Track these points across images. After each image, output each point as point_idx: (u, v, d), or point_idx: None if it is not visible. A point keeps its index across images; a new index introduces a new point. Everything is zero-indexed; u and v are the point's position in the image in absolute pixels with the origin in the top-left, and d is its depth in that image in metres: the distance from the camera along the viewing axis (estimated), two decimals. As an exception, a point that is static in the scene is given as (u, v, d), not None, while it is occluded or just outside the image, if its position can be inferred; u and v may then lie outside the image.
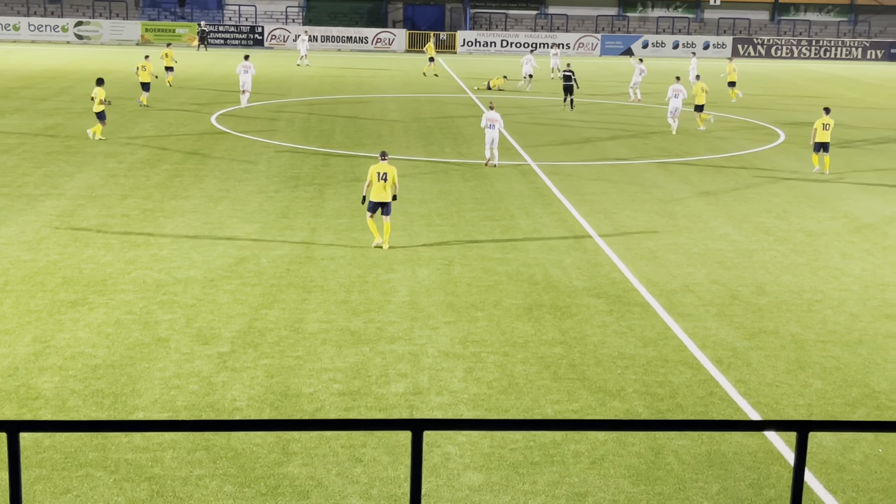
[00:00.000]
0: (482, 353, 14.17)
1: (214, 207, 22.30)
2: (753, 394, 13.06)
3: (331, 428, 4.60)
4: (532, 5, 79.92)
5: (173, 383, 12.89)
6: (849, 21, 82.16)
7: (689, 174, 27.69)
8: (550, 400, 12.72)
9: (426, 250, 19.27)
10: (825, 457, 11.34)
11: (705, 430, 9.89)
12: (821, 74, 63.15)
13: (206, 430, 4.54)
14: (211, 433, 11.36)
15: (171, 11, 75.83)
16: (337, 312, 15.68)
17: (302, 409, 12.30)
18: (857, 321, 15.93)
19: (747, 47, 77.16)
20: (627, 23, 79.63)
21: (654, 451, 11.33)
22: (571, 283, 17.47)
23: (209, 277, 17.24)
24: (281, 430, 4.60)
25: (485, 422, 4.80)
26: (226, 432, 11.46)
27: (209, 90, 44.18)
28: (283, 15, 76.84)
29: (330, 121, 36.43)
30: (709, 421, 5.29)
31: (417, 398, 12.66)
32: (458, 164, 28.36)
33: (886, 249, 20.22)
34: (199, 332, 14.68)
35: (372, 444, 11.32)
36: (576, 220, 22.00)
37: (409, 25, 78.26)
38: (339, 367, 13.53)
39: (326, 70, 56.58)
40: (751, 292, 17.23)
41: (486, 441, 11.44)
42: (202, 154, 28.78)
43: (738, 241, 20.55)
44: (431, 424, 4.47)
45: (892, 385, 13.47)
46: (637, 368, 13.75)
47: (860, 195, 25.39)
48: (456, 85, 50.33)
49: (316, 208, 22.43)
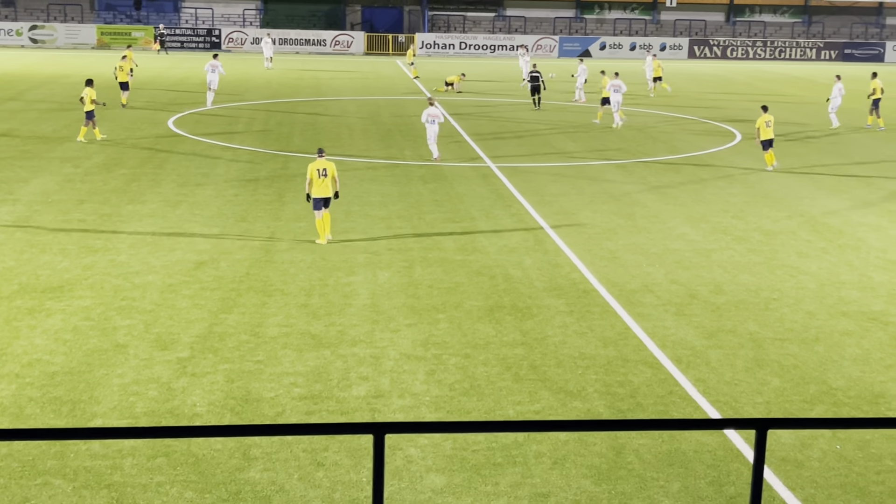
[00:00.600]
0: (443, 355, 14.17)
1: (172, 212, 22.14)
2: (713, 392, 13.17)
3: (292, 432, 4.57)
4: (490, 7, 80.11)
5: (132, 389, 12.77)
6: (803, 22, 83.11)
7: (647, 174, 27.87)
8: (512, 401, 12.74)
9: (387, 253, 19.25)
10: (784, 454, 11.45)
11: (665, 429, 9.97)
12: (776, 75, 63.80)
13: (166, 436, 4.50)
14: (171, 439, 11.27)
15: (127, 14, 75.21)
16: (297, 316, 15.62)
17: (263, 414, 12.24)
18: (814, 319, 16.11)
19: (703, 48, 77.80)
20: (585, 25, 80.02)
21: (615, 451, 11.39)
22: (532, 284, 17.52)
23: (168, 282, 17.11)
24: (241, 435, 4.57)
25: (446, 424, 4.80)
26: (186, 438, 11.37)
27: (166, 93, 43.84)
28: (240, 18, 76.47)
29: (289, 123, 36.29)
30: (669, 420, 5.32)
31: (379, 401, 12.64)
32: (417, 165, 28.36)
33: (842, 248, 20.46)
34: (158, 337, 14.56)
35: (334, 447, 11.29)
36: (535, 221, 22.07)
37: (367, 28, 78.17)
38: (300, 371, 13.48)
39: (285, 72, 56.36)
40: (709, 291, 17.37)
41: (448, 443, 11.44)
42: (160, 158, 28.56)
43: (696, 241, 20.71)
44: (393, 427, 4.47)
45: (849, 382, 13.63)
46: (598, 368, 13.81)
47: (816, 194, 25.67)
48: (415, 87, 50.33)
49: (275, 212, 22.33)
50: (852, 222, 22.65)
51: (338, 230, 20.74)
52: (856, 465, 11.26)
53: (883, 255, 19.93)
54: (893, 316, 16.34)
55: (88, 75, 37.37)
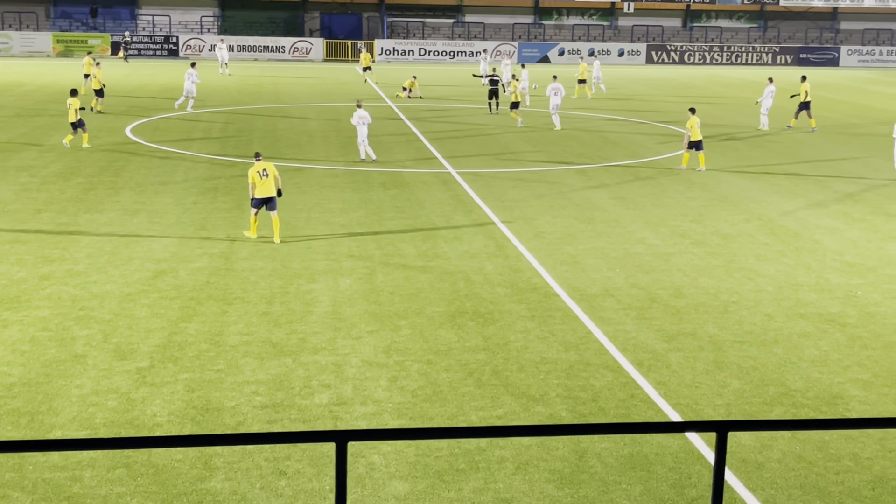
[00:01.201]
0: (406, 361, 14.16)
1: (130, 220, 21.96)
2: (673, 395, 13.25)
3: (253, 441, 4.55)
4: (449, 14, 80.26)
5: (91, 400, 12.65)
6: (759, 27, 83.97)
7: (606, 179, 28.02)
8: (474, 407, 12.75)
9: (348, 260, 19.21)
10: (744, 455, 11.54)
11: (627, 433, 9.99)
12: (733, 80, 64.39)
13: (126, 447, 4.46)
14: (131, 450, 11.17)
15: (83, 22, 74.56)
16: (258, 324, 15.54)
17: (224, 423, 12.17)
18: (773, 321, 16.26)
19: (661, 54, 78.39)
20: (544, 30, 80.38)
21: (577, 455, 11.43)
22: (493, 289, 17.55)
23: (126, 292, 16.97)
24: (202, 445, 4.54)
25: (409, 431, 4.79)
26: (146, 449, 11.28)
27: (123, 101, 43.49)
28: (198, 24, 76.05)
29: (248, 131, 36.12)
30: (630, 424, 5.35)
31: (341, 409, 12.60)
32: (378, 172, 28.33)
33: (799, 250, 20.68)
34: (117, 347, 14.43)
35: (296, 456, 11.24)
36: (496, 226, 22.12)
37: (326, 34, 78.02)
38: (262, 380, 13.41)
39: (244, 79, 56.10)
40: (669, 295, 17.49)
41: (411, 450, 11.43)
42: (117, 166, 28.32)
43: (655, 245, 20.84)
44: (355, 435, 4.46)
45: (808, 383, 13.77)
46: (559, 373, 13.86)
47: (773, 197, 25.93)
48: (374, 93, 50.30)
49: (235, 219, 22.21)
50: (809, 225, 22.91)
51: (298, 237, 20.67)
52: (815, 466, 11.37)
53: (839, 258, 20.16)
54: (850, 317, 16.53)
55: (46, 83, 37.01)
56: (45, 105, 41.05)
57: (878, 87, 61.01)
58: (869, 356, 14.81)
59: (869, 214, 24.19)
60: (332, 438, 4.42)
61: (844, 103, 50.93)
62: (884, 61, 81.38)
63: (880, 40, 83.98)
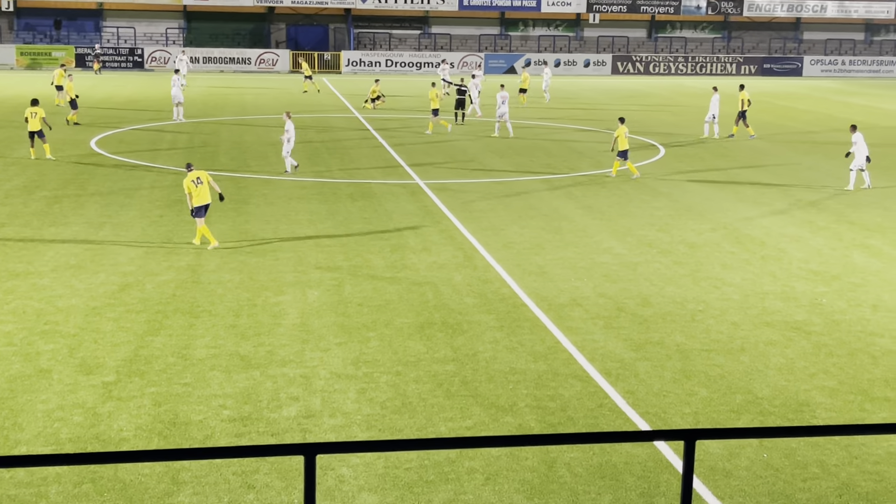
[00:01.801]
0: (374, 373, 14.12)
1: (96, 234, 21.79)
2: (642, 404, 13.30)
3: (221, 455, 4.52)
4: (415, 25, 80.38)
5: (57, 415, 12.52)
6: (723, 37, 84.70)
7: (573, 189, 28.13)
8: (444, 418, 12.74)
9: (316, 272, 19.15)
10: (712, 463, 11.60)
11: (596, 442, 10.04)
12: (697, 90, 64.84)
13: (92, 462, 4.42)
14: (97, 465, 11.06)
15: (47, 34, 74.02)
16: (225, 337, 15.45)
17: (191, 437, 12.08)
18: (739, 329, 16.37)
19: (626, 64, 78.89)
20: (510, 42, 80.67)
21: (546, 465, 11.44)
22: (462, 300, 17.55)
23: (92, 305, 16.83)
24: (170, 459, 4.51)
25: (378, 443, 4.78)
26: (112, 464, 11.18)
27: (89, 113, 43.18)
28: (163, 36, 75.71)
29: (214, 143, 35.97)
30: (599, 433, 5.36)
31: (310, 421, 12.55)
32: (346, 183, 28.28)
33: (764, 259, 20.84)
34: (83, 361, 14.30)
35: (264, 469, 11.18)
36: (465, 237, 22.14)
37: (292, 46, 77.93)
38: (229, 393, 13.33)
39: (209, 91, 55.88)
40: (636, 304, 17.56)
41: (381, 462, 11.40)
42: (82, 179, 28.11)
43: (622, 255, 20.93)
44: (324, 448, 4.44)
45: (774, 391, 13.86)
46: (528, 383, 13.87)
47: (738, 206, 26.12)
48: (341, 104, 50.25)
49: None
50: (773, 233, 23.09)
51: (266, 249, 20.60)
52: (782, 473, 11.44)
53: (804, 266, 20.33)
54: (816, 325, 16.67)
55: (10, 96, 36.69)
56: (9, 118, 40.68)
57: (840, 97, 61.67)
58: (834, 363, 14.94)
59: (833, 223, 24.42)
60: (301, 451, 4.40)
61: (807, 112, 51.44)
62: (846, 71, 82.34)
63: (842, 50, 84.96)
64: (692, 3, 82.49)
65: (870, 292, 18.61)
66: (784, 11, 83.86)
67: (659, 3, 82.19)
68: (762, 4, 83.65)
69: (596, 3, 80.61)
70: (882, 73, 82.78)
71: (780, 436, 5.56)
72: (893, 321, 16.96)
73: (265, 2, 75.95)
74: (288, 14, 78.64)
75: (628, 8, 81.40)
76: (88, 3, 75.12)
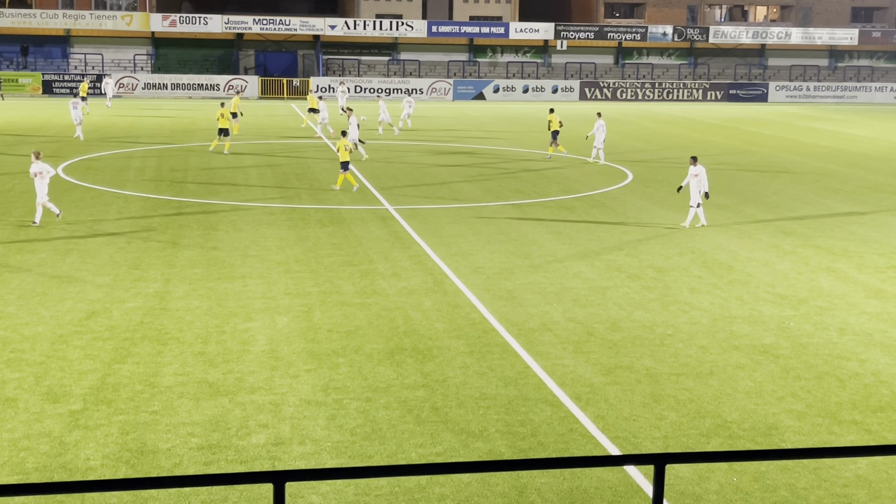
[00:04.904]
0: (344, 399, 14.06)
1: (63, 261, 21.62)
2: (612, 428, 13.31)
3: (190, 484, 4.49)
4: (384, 51, 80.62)
5: (22, 444, 12.37)
6: (689, 64, 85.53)
7: (542, 214, 28.22)
8: (414, 444, 12.70)
9: (285, 298, 19.08)
10: (682, 487, 11.61)
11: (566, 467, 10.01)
12: (664, 115, 65.40)
13: (59, 492, 4.37)
14: (63, 495, 10.93)
15: (13, 61, 73.63)
16: (194, 364, 15.35)
17: (159, 466, 11.97)
18: (708, 353, 16.44)
19: (594, 90, 79.45)
20: (478, 68, 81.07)
21: (517, 490, 11.42)
22: (432, 325, 17.54)
23: (58, 333, 16.67)
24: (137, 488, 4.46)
25: (348, 470, 4.76)
26: (79, 493, 11.05)
27: (54, 140, 42.93)
28: (130, 63, 75.48)
29: (182, 169, 35.83)
30: (569, 458, 5.36)
31: (279, 448, 12.47)
32: (315, 209, 28.24)
33: (732, 283, 20.97)
34: (49, 390, 14.15)
35: (233, 497, 11.09)
36: (434, 262, 22.14)
37: (261, 72, 77.92)
38: (198, 421, 13.22)
39: (177, 117, 55.71)
40: (605, 329, 17.61)
41: (351, 489, 11.33)
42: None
43: (591, 279, 21.00)
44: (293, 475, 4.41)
45: (743, 415, 13.92)
46: (499, 408, 13.86)
47: (706, 232, 26.29)
48: (311, 131, 50.21)
49: (169, 258, 21.97)
50: (741, 258, 23.25)
51: (234, 275, 20.51)
52: (752, 497, 11.47)
53: (771, 290, 20.48)
54: (783, 349, 16.78)
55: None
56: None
57: (805, 122, 62.36)
58: (802, 387, 15.03)
59: (799, 247, 24.63)
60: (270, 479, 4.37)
61: (773, 138, 51.96)
62: (810, 96, 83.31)
63: (807, 76, 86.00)
64: (658, 30, 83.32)
65: (836, 316, 18.77)
66: (749, 38, 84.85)
67: (626, 30, 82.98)
68: (727, 31, 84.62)
69: (564, 29, 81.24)
70: (846, 98, 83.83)
71: (750, 459, 5.58)
72: (860, 345, 17.11)
73: (234, 28, 75.98)
74: (257, 40, 78.69)
75: (595, 34, 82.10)
76: (56, 30, 74.82)
